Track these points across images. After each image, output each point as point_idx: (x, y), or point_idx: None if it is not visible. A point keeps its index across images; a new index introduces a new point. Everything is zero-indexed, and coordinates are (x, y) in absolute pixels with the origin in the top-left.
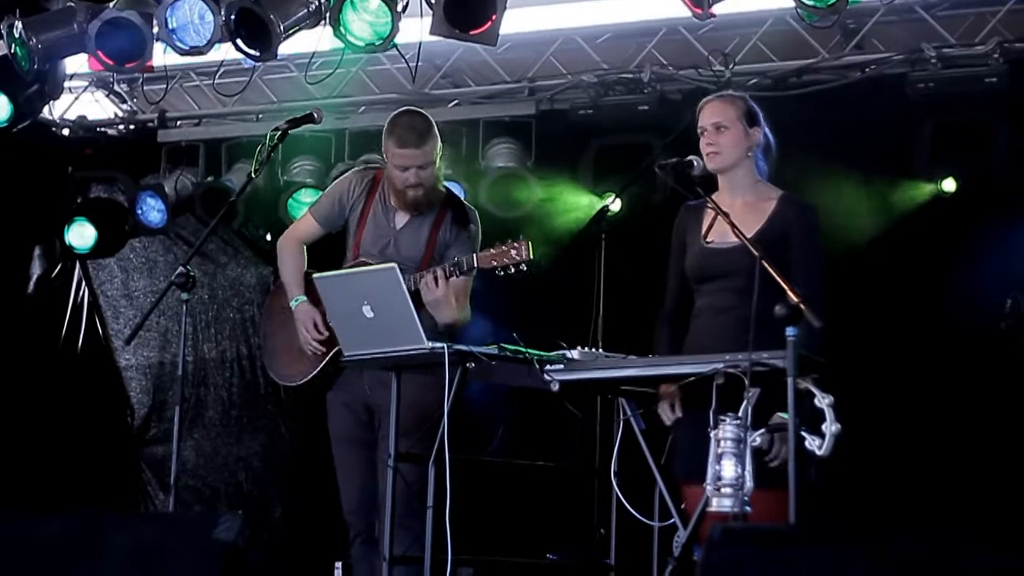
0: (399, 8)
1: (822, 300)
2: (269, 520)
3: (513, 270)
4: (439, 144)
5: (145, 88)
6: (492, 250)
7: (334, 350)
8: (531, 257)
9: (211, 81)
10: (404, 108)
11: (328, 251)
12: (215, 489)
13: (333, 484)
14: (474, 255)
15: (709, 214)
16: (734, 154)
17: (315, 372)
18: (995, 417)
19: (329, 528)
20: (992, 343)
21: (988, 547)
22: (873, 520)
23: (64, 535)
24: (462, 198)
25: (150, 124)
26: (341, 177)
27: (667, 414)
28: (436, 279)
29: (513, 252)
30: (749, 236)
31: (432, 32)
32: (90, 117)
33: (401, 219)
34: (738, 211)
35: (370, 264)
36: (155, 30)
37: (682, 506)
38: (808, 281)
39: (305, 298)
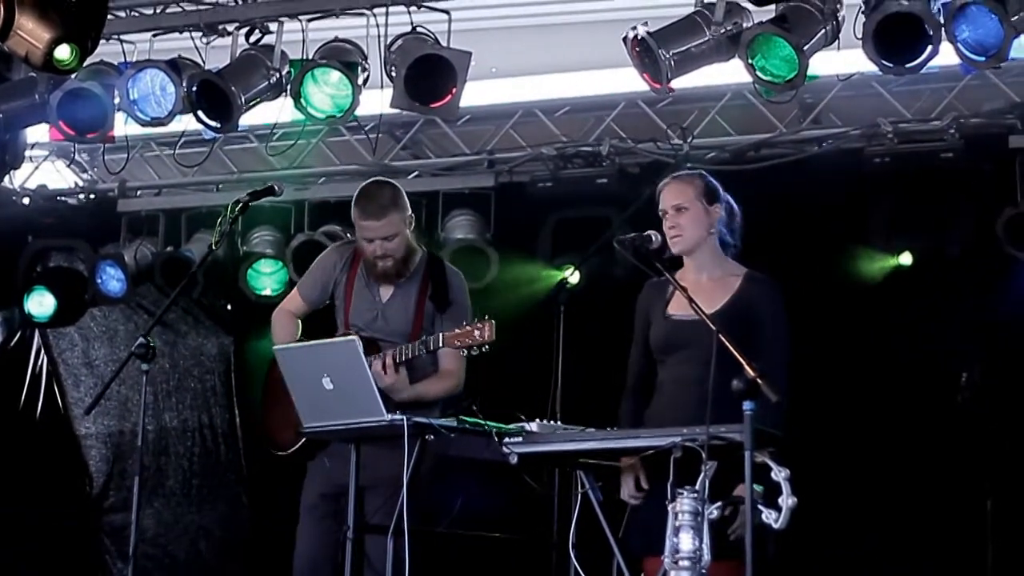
0: (359, 81)
1: (789, 375)
2: None
3: (476, 351)
4: (407, 214)
5: (106, 158)
6: (457, 330)
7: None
8: (494, 338)
9: (172, 151)
10: (374, 179)
11: (326, 319)
12: (175, 558)
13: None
14: (440, 335)
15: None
16: (696, 234)
17: (303, 440)
18: (950, 490)
19: None
20: (948, 416)
21: None
22: None
23: None
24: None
25: (110, 193)
26: (322, 254)
27: (629, 489)
28: (385, 367)
29: (476, 333)
30: (714, 311)
31: (393, 105)
32: (51, 186)
33: (386, 292)
34: (704, 287)
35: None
36: (116, 101)
37: None
38: (777, 358)
39: None
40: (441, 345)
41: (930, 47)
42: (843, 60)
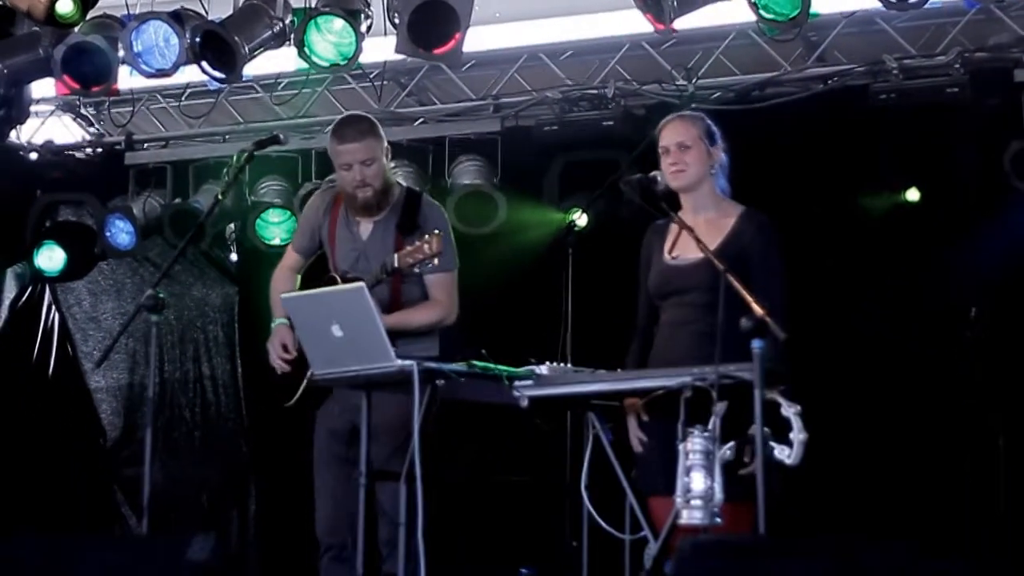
0: (363, 28)
1: (784, 312)
2: (234, 538)
3: (430, 265)
4: (384, 144)
5: (112, 111)
6: (408, 248)
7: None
8: (442, 249)
9: (177, 103)
10: (349, 113)
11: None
12: (182, 509)
13: (296, 500)
14: (394, 255)
15: (673, 231)
16: (698, 170)
17: (300, 391)
18: (960, 426)
19: (294, 545)
20: (957, 352)
21: (955, 559)
22: (841, 532)
23: (38, 559)
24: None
25: (117, 147)
26: (307, 203)
27: (633, 430)
28: None
29: (426, 247)
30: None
31: (397, 51)
32: (57, 141)
33: (366, 230)
34: (701, 228)
35: (337, 280)
36: (121, 53)
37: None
38: (769, 294)
39: (284, 321)
40: (396, 264)
41: None
42: None
